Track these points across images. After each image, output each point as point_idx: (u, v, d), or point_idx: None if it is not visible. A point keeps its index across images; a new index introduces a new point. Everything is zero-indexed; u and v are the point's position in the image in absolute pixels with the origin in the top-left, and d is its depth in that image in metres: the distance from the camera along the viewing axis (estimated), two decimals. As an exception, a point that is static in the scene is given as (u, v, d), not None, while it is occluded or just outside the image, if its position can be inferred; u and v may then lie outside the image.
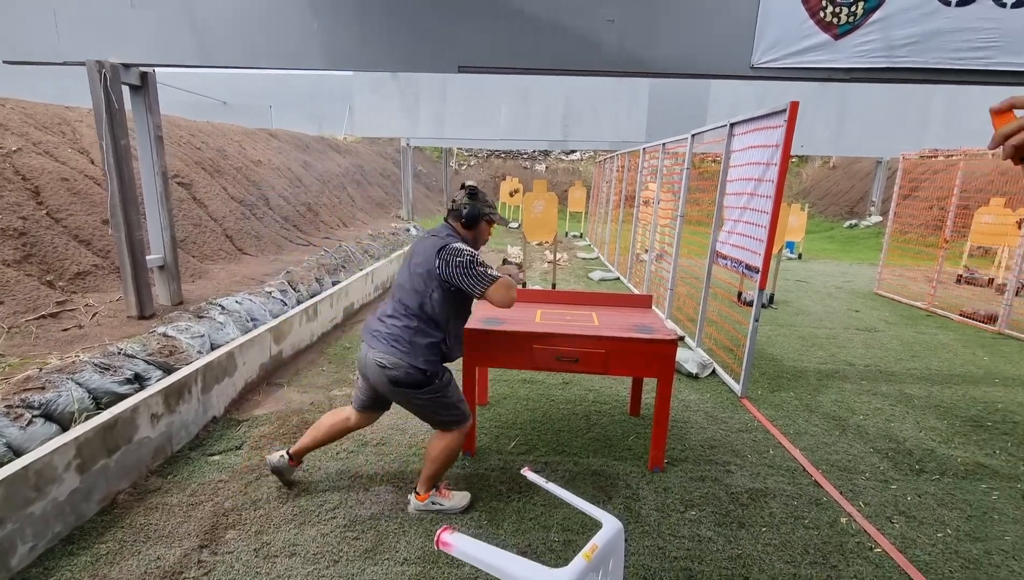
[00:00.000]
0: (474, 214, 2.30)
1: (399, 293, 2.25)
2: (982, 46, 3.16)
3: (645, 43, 3.13)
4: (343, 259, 6.44)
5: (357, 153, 13.83)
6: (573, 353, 2.61)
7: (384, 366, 2.14)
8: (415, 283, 2.19)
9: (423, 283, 2.17)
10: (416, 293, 2.18)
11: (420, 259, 2.20)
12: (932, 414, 3.59)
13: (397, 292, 2.27)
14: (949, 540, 2.30)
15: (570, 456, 2.89)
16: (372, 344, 2.19)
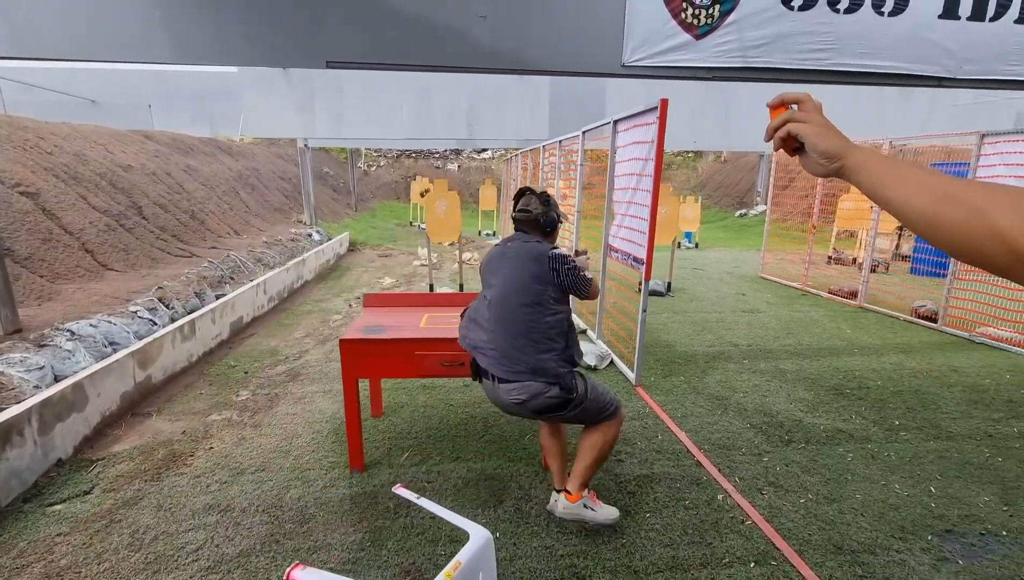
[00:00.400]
0: (554, 220, 2.28)
1: (503, 317, 2.08)
2: (822, 48, 3.46)
3: (518, 40, 3.12)
4: (231, 270, 5.95)
5: (253, 156, 12.91)
6: (458, 357, 2.54)
7: (523, 401, 2.05)
8: (525, 299, 2.08)
9: (537, 295, 2.08)
10: (528, 309, 2.07)
11: (523, 274, 2.11)
12: (801, 386, 3.92)
13: (498, 317, 2.09)
14: (810, 505, 2.49)
15: (464, 462, 2.82)
16: (502, 376, 2.06)
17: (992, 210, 0.58)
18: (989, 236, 0.57)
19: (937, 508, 2.47)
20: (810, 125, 0.75)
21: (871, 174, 0.69)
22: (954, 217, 0.60)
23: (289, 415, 3.36)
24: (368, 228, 14.15)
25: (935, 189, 0.62)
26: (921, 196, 0.63)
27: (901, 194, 0.65)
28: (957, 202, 0.60)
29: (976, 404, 3.65)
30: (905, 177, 0.66)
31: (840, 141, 0.73)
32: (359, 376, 2.59)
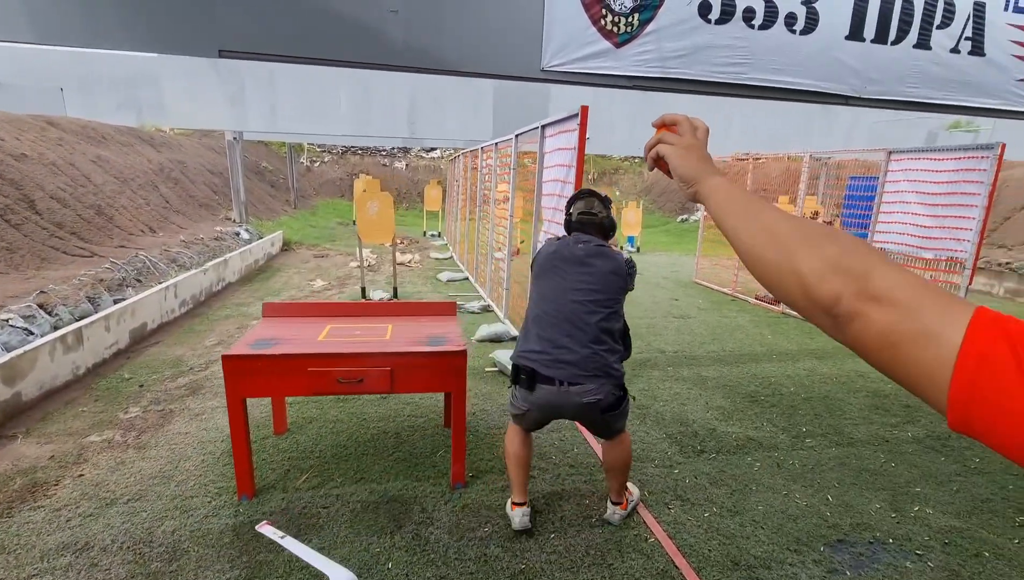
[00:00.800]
0: (614, 223, 2.35)
1: (577, 323, 2.12)
2: (739, 62, 3.52)
3: (432, 38, 2.99)
4: (137, 272, 5.49)
5: (180, 147, 12.10)
6: (355, 373, 2.38)
7: (599, 401, 2.10)
8: (603, 307, 2.13)
9: (614, 304, 2.16)
10: (604, 317, 2.12)
11: (603, 283, 2.15)
12: (720, 394, 3.99)
13: (573, 323, 2.12)
14: (713, 519, 2.49)
15: (368, 483, 2.66)
16: (573, 380, 2.08)
17: (799, 251, 0.54)
18: (793, 279, 0.54)
19: (832, 517, 2.53)
20: (674, 148, 0.75)
21: (715, 203, 0.67)
22: (769, 255, 0.57)
23: (181, 434, 3.08)
24: (306, 226, 13.59)
25: (761, 223, 0.60)
26: (748, 229, 0.61)
27: (733, 225, 0.63)
28: (774, 239, 0.57)
29: (877, 409, 3.82)
30: (740, 209, 0.63)
31: (697, 166, 0.72)
32: (246, 395, 2.38)
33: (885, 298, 0.46)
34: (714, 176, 0.70)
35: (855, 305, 0.48)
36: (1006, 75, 4.09)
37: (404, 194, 21.82)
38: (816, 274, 0.51)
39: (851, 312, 0.48)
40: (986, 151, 4.56)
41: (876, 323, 0.46)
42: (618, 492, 2.42)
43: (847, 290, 0.49)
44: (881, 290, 0.47)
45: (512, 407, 2.32)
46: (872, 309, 0.47)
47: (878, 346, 0.46)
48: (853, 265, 0.49)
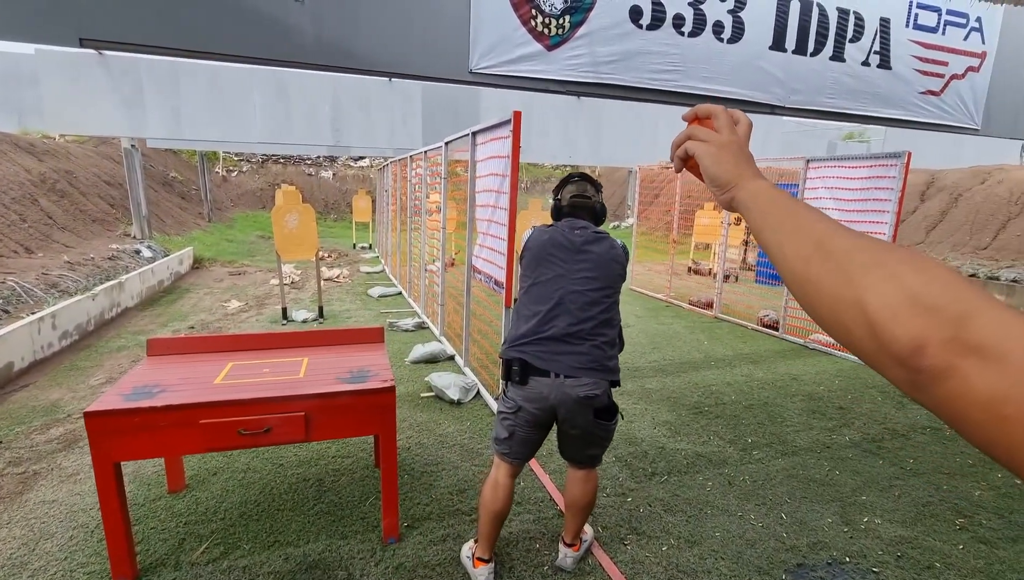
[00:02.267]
0: (605, 208, 2.20)
1: (571, 306, 1.93)
2: (670, 69, 3.46)
3: (346, 34, 2.67)
4: (4, 301, 4.68)
5: (68, 155, 10.77)
6: (260, 422, 2.00)
7: (597, 395, 1.89)
8: (603, 298, 1.95)
9: (612, 292, 1.99)
10: (598, 303, 1.94)
11: (604, 272, 1.97)
12: (665, 407, 3.89)
13: (572, 314, 1.92)
14: (672, 552, 2.32)
15: (282, 547, 2.27)
16: (568, 373, 1.88)
17: (866, 277, 0.42)
18: (855, 314, 0.42)
19: (788, 538, 2.44)
20: (707, 145, 0.63)
21: (755, 211, 0.56)
22: (823, 279, 0.45)
23: (45, 504, 2.53)
24: (222, 241, 12.56)
25: (813, 238, 0.48)
26: (796, 245, 0.49)
27: (776, 240, 0.52)
28: (830, 259, 0.45)
29: (814, 414, 3.87)
30: (786, 219, 0.52)
31: (733, 169, 0.60)
32: (119, 459, 1.94)
33: (993, 352, 0.34)
34: (755, 179, 0.59)
35: (947, 358, 0.36)
36: (909, 87, 4.33)
37: (332, 205, 20.89)
38: (890, 310, 0.40)
39: (940, 367, 0.36)
40: (894, 159, 4.82)
41: (979, 386, 0.34)
42: (574, 533, 2.19)
43: (935, 336, 0.37)
44: (987, 340, 0.35)
45: (499, 422, 2.03)
46: (972, 366, 0.35)
47: (982, 417, 0.34)
48: (945, 302, 0.38)
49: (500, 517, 2.06)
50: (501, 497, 2.03)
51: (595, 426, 1.96)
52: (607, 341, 1.97)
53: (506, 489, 2.04)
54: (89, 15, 2.29)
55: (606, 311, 1.98)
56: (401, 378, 4.31)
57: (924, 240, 11.09)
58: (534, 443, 2.03)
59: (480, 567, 2.08)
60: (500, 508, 2.04)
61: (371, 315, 6.47)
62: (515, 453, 2.02)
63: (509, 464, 2.04)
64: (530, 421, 1.96)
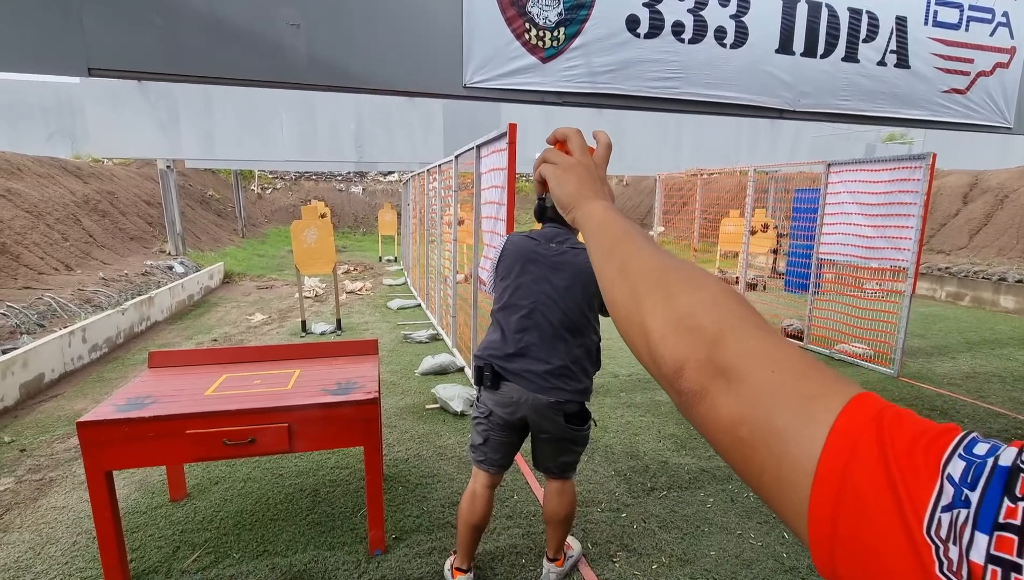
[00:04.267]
0: None
1: (543, 320, 1.91)
2: (670, 76, 3.41)
3: (340, 54, 2.75)
4: (40, 315, 4.96)
5: (112, 177, 11.42)
6: (245, 433, 2.05)
7: (561, 402, 1.87)
8: (577, 316, 1.92)
9: (587, 307, 1.93)
10: (571, 318, 1.91)
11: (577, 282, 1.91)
12: (673, 420, 3.78)
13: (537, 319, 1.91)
14: (662, 571, 2.24)
15: (270, 557, 2.30)
16: (540, 383, 1.85)
17: (648, 298, 0.43)
18: (638, 333, 0.43)
19: (788, 559, 2.32)
20: (555, 168, 0.65)
21: (586, 233, 0.58)
22: (621, 298, 0.46)
23: (56, 510, 2.64)
24: (253, 256, 13.00)
25: (618, 260, 0.49)
26: (607, 266, 0.51)
27: (596, 259, 0.53)
28: (625, 279, 0.47)
29: (832, 428, 3.69)
30: (605, 242, 0.53)
31: (574, 190, 0.62)
32: (111, 467, 2.01)
33: (733, 373, 0.34)
34: (592, 201, 0.60)
35: (700, 380, 0.36)
36: (931, 86, 4.14)
37: (361, 219, 21.38)
38: (660, 332, 0.40)
39: (695, 389, 0.36)
40: (918, 161, 4.61)
41: (723, 408, 0.34)
42: (556, 548, 2.15)
43: (692, 357, 0.37)
44: (730, 361, 0.35)
45: (473, 427, 2.03)
46: (719, 388, 0.35)
47: (726, 440, 0.34)
48: (706, 323, 0.38)
49: (478, 529, 2.03)
50: (479, 508, 2.01)
51: (566, 431, 1.92)
52: (577, 358, 1.92)
53: (484, 500, 2.02)
54: (97, 46, 2.43)
55: (580, 326, 1.93)
56: (409, 390, 4.34)
57: (967, 244, 10.53)
58: (509, 448, 2.01)
59: (459, 577, 2.06)
60: (478, 520, 2.02)
61: (388, 327, 6.56)
62: (490, 459, 2.00)
63: (486, 473, 2.02)
64: (502, 425, 1.94)
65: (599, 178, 0.64)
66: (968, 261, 9.81)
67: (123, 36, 2.45)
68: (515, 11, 2.98)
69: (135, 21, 2.48)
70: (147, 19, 2.48)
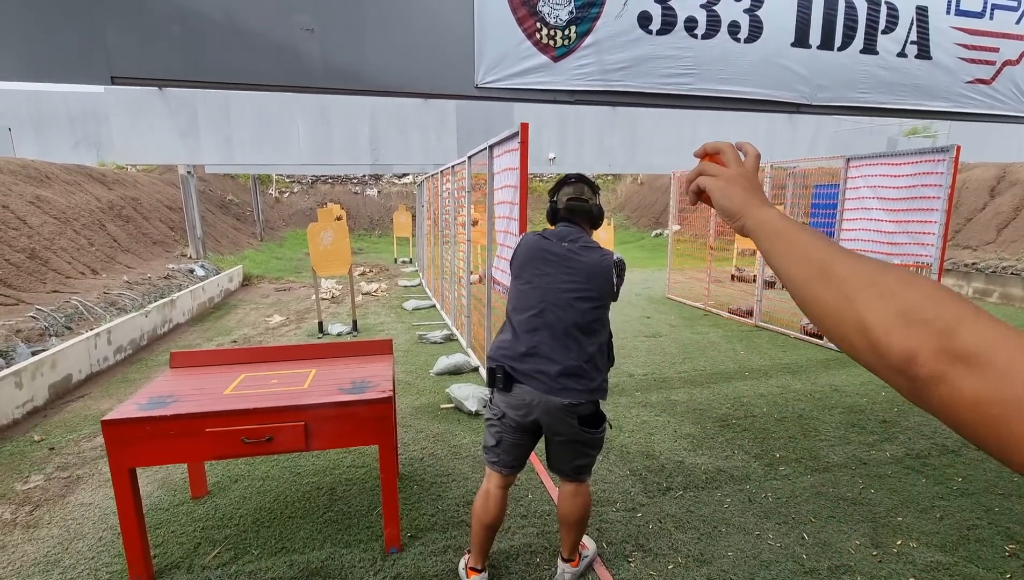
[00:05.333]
0: (603, 211, 2.16)
1: (555, 320, 1.89)
2: (683, 73, 3.38)
3: (354, 58, 2.78)
4: (68, 318, 5.10)
5: (135, 184, 11.70)
6: (262, 431, 2.08)
7: (575, 404, 1.86)
8: (588, 315, 1.91)
9: (599, 307, 1.94)
10: (584, 317, 1.90)
11: (589, 281, 1.92)
12: (689, 419, 3.75)
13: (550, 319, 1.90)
14: (678, 572, 2.22)
15: (288, 554, 2.33)
16: (552, 385, 1.85)
17: (862, 297, 0.47)
18: (856, 330, 0.47)
19: (808, 560, 2.28)
20: (716, 180, 0.68)
21: (763, 240, 0.61)
22: (826, 298, 0.50)
23: (82, 507, 2.72)
24: (272, 259, 13.20)
25: (814, 262, 0.53)
26: (800, 269, 0.54)
27: (783, 264, 0.57)
28: (829, 281, 0.51)
29: (853, 427, 3.62)
30: (791, 245, 0.57)
31: (740, 200, 0.65)
32: (134, 464, 2.06)
33: (975, 359, 0.39)
34: (761, 209, 0.63)
35: (936, 366, 0.40)
36: (954, 77, 4.04)
37: (377, 221, 21.57)
38: (884, 326, 0.44)
39: (932, 375, 0.41)
40: (942, 154, 4.49)
41: (966, 390, 0.38)
42: (571, 548, 2.14)
43: (925, 347, 0.41)
44: (971, 348, 0.39)
45: (486, 428, 2.03)
46: (960, 373, 0.39)
47: (973, 419, 0.38)
48: (933, 316, 0.42)
49: (491, 528, 2.04)
50: (492, 508, 2.01)
51: (579, 434, 1.92)
52: (590, 358, 1.91)
53: (497, 500, 2.02)
54: (119, 54, 2.49)
55: (591, 326, 1.93)
56: (424, 389, 4.37)
57: (995, 239, 10.23)
58: (523, 450, 2.01)
59: (473, 577, 2.07)
60: (491, 520, 2.02)
61: (403, 328, 6.61)
62: (503, 461, 2.00)
63: (499, 474, 2.02)
64: (515, 427, 1.94)
65: (758, 186, 0.68)
66: (996, 256, 9.54)
67: (144, 45, 2.52)
68: (526, 11, 2.98)
69: (156, 31, 2.54)
70: (167, 28, 2.54)
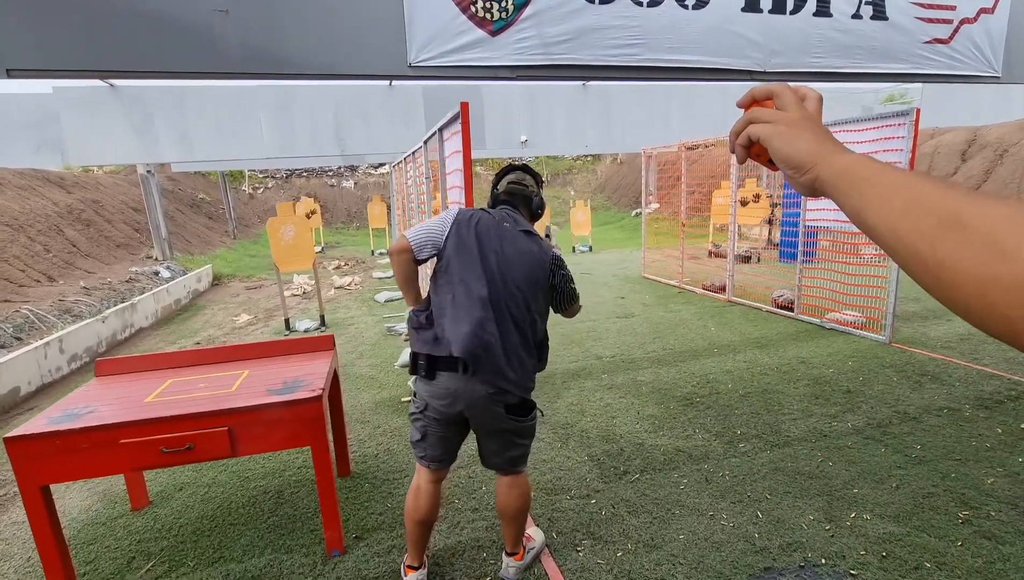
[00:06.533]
0: (543, 204, 2.08)
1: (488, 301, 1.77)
2: (630, 43, 3.26)
3: (273, 39, 2.62)
4: (16, 329, 4.91)
5: (97, 186, 11.35)
6: (182, 439, 1.97)
7: (503, 390, 1.77)
8: (516, 291, 1.81)
9: (534, 294, 1.85)
10: (517, 304, 1.81)
11: (521, 275, 1.82)
12: (653, 400, 3.69)
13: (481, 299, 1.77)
14: (627, 558, 2.16)
15: (225, 563, 2.24)
16: (478, 369, 1.74)
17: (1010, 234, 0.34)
18: (1018, 291, 0.33)
19: (760, 539, 2.23)
20: (774, 125, 0.55)
21: (850, 192, 0.47)
22: (959, 258, 0.37)
23: (14, 526, 2.60)
24: (244, 257, 12.94)
25: (934, 210, 0.39)
26: (913, 221, 0.41)
27: (885, 220, 0.43)
28: (966, 232, 0.37)
29: (817, 399, 3.59)
30: (891, 194, 0.43)
31: (810, 145, 0.52)
32: (46, 482, 1.95)
33: None
34: (840, 154, 0.50)
35: None
36: (911, 37, 3.95)
37: (355, 213, 21.27)
38: None
39: None
40: (902, 118, 4.43)
41: None
42: (514, 542, 2.07)
43: None
44: None
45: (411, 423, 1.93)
46: None
47: None
48: None
49: (424, 524, 1.96)
50: (423, 505, 1.93)
51: (507, 422, 1.83)
52: (519, 348, 1.82)
53: (428, 495, 1.94)
54: (13, 46, 2.32)
55: (522, 315, 1.83)
56: (386, 383, 4.27)
57: (967, 204, 10.29)
58: (450, 443, 1.92)
59: (410, 575, 2.00)
60: (423, 516, 1.94)
61: (373, 321, 6.48)
62: (431, 455, 1.92)
63: (428, 469, 1.94)
64: (440, 419, 1.85)
65: (828, 131, 0.54)
66: (967, 220, 9.60)
67: (40, 34, 2.34)
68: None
69: (52, 19, 2.36)
70: (65, 16, 2.36)
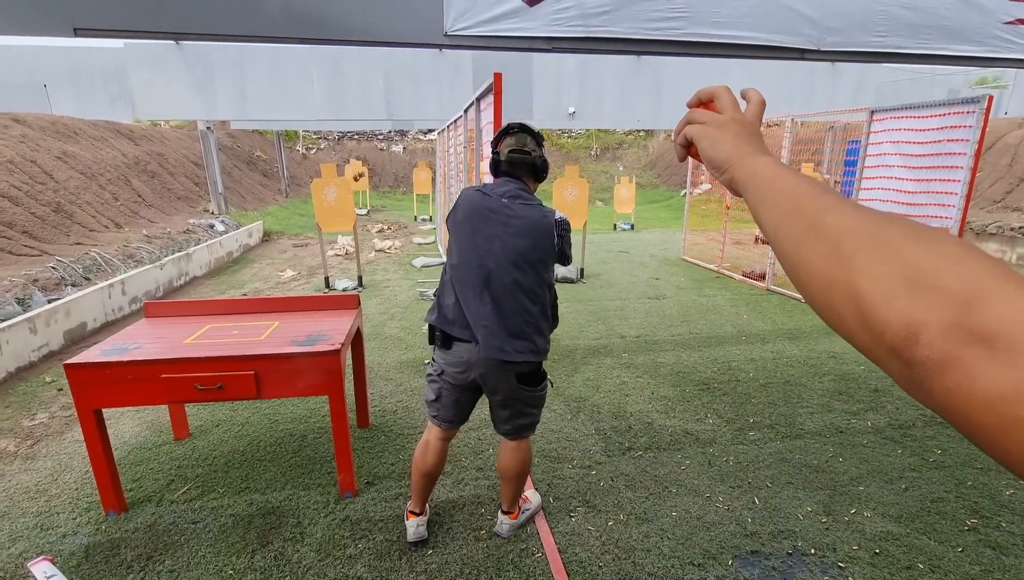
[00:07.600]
0: (547, 163, 2.06)
1: (494, 279, 1.85)
2: (673, 16, 3.16)
3: (315, 4, 2.70)
4: (86, 269, 5.37)
5: (163, 139, 12.00)
6: (214, 379, 2.17)
7: (513, 362, 1.85)
8: (529, 275, 1.88)
9: (541, 272, 1.91)
10: (523, 277, 1.87)
11: (529, 239, 1.87)
12: (669, 382, 3.70)
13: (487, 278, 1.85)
14: (617, 527, 2.24)
15: (250, 493, 2.47)
16: (490, 341, 1.82)
17: (860, 256, 0.36)
18: (845, 297, 0.36)
19: (752, 524, 2.26)
20: (704, 127, 0.58)
21: (753, 191, 0.50)
22: (813, 259, 0.40)
23: (76, 442, 2.93)
24: (294, 215, 13.47)
25: (806, 213, 0.43)
26: (791, 224, 0.44)
27: (772, 219, 0.46)
28: (819, 237, 0.40)
29: (840, 395, 3.51)
30: (782, 197, 0.46)
31: (729, 148, 0.55)
32: (97, 406, 2.20)
33: (1005, 341, 0.28)
34: (755, 157, 0.53)
35: (946, 346, 0.30)
36: (989, 17, 3.63)
37: (402, 178, 21.57)
38: (882, 293, 0.34)
39: (938, 358, 0.31)
40: (971, 105, 4.11)
41: (985, 381, 0.28)
42: (511, 501, 2.19)
43: (934, 321, 0.31)
44: (995, 326, 0.29)
45: (427, 384, 2.06)
46: (978, 357, 0.29)
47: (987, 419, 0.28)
48: (949, 281, 0.31)
49: (429, 477, 2.10)
50: (430, 459, 2.06)
51: (518, 391, 1.92)
52: (530, 318, 1.89)
53: (436, 451, 2.07)
54: (81, 6, 2.50)
55: (532, 285, 1.89)
56: (413, 345, 4.45)
57: (1050, 202, 9.44)
58: (462, 406, 2.03)
59: (411, 519, 2.15)
60: (429, 469, 2.08)
61: (408, 285, 6.69)
62: (443, 415, 2.04)
63: (438, 427, 2.06)
64: (454, 384, 1.96)
65: (756, 133, 0.57)
66: (1047, 220, 8.83)
67: (102, -6, 2.50)
68: (495, -50, 2.81)
69: (114, -21, 2.51)
70: (126, -24, 2.52)
